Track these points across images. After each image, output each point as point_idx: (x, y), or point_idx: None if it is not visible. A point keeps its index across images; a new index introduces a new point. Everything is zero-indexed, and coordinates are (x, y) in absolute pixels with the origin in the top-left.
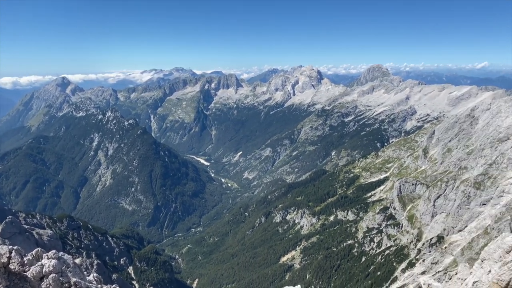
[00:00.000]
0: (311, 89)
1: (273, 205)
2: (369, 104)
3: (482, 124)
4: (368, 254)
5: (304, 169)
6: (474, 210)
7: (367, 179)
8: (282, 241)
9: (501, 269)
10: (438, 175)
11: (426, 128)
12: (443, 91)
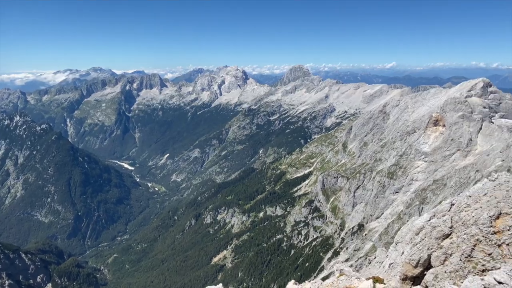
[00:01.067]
0: (238, 89)
1: (203, 207)
2: (293, 103)
3: (392, 119)
4: (296, 246)
5: (234, 168)
6: (389, 198)
7: (293, 175)
8: (213, 242)
9: (412, 250)
10: (356, 167)
11: (345, 124)
12: (358, 89)
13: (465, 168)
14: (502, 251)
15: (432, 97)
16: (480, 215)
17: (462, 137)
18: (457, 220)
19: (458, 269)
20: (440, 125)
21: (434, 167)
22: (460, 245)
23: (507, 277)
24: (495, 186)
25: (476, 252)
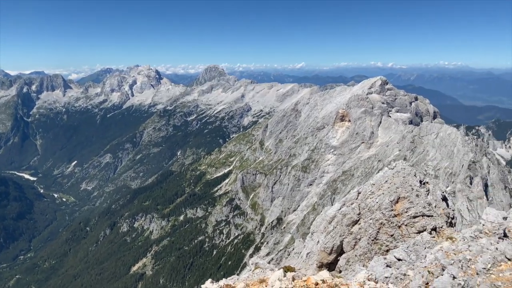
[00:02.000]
0: (151, 89)
1: (118, 215)
2: (209, 102)
3: (304, 116)
4: (218, 246)
5: (150, 172)
6: (304, 190)
7: (213, 175)
8: (132, 250)
9: (326, 238)
10: (273, 163)
11: (261, 123)
12: (272, 89)
13: (369, 158)
14: (401, 232)
15: (338, 94)
16: (382, 201)
17: (365, 131)
18: (363, 207)
19: (366, 251)
20: (346, 120)
21: (342, 159)
22: (367, 230)
23: (404, 254)
24: (394, 174)
25: (381, 234)
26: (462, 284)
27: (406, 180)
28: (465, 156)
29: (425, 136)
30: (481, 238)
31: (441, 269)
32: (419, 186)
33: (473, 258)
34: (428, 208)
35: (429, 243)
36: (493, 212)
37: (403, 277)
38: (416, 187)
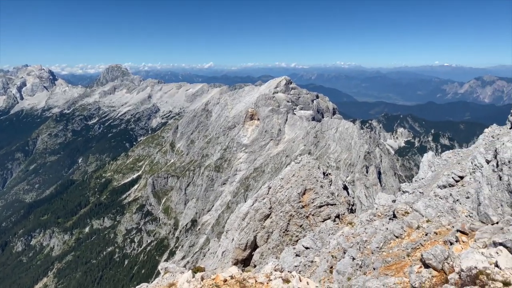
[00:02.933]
0: (44, 92)
1: (10, 233)
2: (113, 104)
3: (215, 116)
4: (130, 256)
5: (47, 183)
6: (218, 190)
7: (120, 181)
8: (29, 271)
9: (240, 235)
10: (186, 165)
11: (171, 124)
12: (181, 89)
13: (278, 154)
14: (309, 221)
15: (247, 94)
16: (291, 194)
17: (273, 128)
18: (274, 201)
19: (279, 243)
20: (255, 119)
21: (253, 157)
22: (279, 223)
23: (311, 242)
24: (300, 168)
25: (291, 225)
26: (360, 263)
27: (311, 173)
28: (361, 148)
29: (326, 131)
30: (375, 220)
31: (343, 252)
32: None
33: (369, 239)
34: (332, 198)
35: (332, 230)
36: (384, 196)
37: (310, 264)
38: (320, 178)
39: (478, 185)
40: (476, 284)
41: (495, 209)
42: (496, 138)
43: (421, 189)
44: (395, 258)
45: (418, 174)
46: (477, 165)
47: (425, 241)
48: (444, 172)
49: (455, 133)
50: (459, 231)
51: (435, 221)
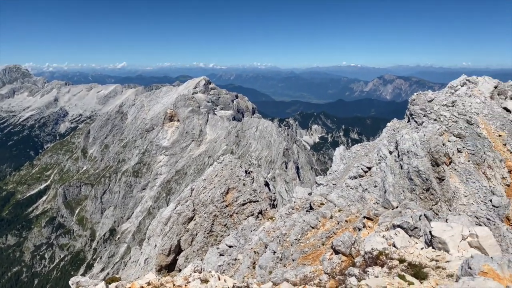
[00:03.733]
0: None
1: None
2: (13, 109)
3: (131, 119)
4: (40, 274)
5: None
6: (137, 196)
7: (25, 193)
8: None
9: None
10: (100, 172)
11: (81, 128)
12: (92, 91)
13: (200, 155)
14: (233, 220)
15: (165, 95)
16: (214, 194)
17: (194, 129)
18: (197, 202)
19: (203, 245)
20: (175, 120)
21: (175, 159)
22: (203, 224)
23: (234, 240)
24: (223, 167)
25: (215, 226)
26: (280, 256)
27: (233, 172)
28: (280, 145)
29: (247, 130)
30: (293, 214)
31: (265, 247)
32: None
33: (288, 232)
34: (254, 195)
35: (255, 226)
36: (301, 190)
37: (234, 262)
38: (243, 177)
39: (383, 174)
40: (377, 264)
41: (398, 195)
42: (396, 131)
43: (335, 181)
44: (311, 248)
45: (332, 167)
46: (382, 156)
47: (338, 229)
48: (354, 164)
49: (363, 127)
50: (366, 218)
51: (346, 210)
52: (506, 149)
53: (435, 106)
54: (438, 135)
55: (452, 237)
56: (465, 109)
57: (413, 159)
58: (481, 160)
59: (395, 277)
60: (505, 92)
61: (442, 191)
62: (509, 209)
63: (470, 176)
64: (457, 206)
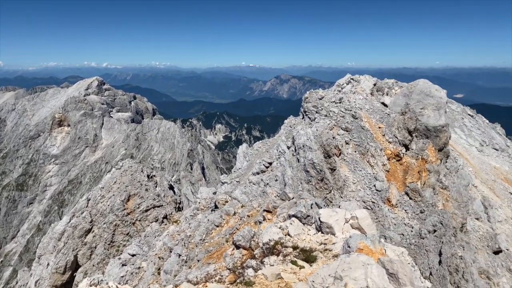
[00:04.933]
0: None
1: None
2: None
3: (11, 125)
4: None
5: None
6: (23, 212)
7: None
8: None
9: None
10: None
11: None
12: None
13: (96, 162)
14: (137, 228)
15: (52, 97)
16: (114, 202)
17: (88, 134)
18: (95, 213)
19: (104, 257)
20: (65, 125)
21: (67, 168)
22: (102, 235)
23: (137, 248)
24: (122, 173)
25: (117, 236)
26: (185, 259)
27: (134, 177)
28: (184, 146)
29: (148, 133)
30: (198, 214)
31: (169, 251)
32: (147, 181)
33: (192, 234)
34: (158, 199)
35: (158, 231)
36: (205, 190)
37: (138, 270)
38: (145, 182)
39: (283, 169)
40: (274, 253)
41: (296, 187)
42: (293, 127)
43: (239, 178)
44: (216, 246)
45: (236, 165)
46: (281, 152)
47: (240, 225)
48: (256, 160)
49: (263, 125)
50: (265, 211)
51: (248, 205)
52: (385, 139)
53: (325, 103)
54: (329, 129)
55: (337, 221)
56: (350, 105)
57: (308, 153)
58: (365, 150)
59: (289, 263)
60: (382, 89)
61: (334, 180)
62: (389, 192)
63: (357, 165)
64: (348, 193)
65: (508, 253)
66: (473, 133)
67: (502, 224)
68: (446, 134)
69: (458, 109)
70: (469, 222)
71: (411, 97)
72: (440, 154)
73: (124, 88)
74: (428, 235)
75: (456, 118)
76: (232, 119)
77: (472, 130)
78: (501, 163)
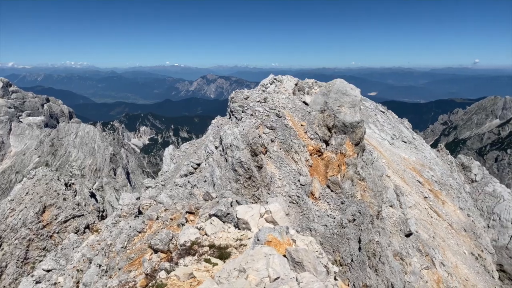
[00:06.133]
0: None
1: None
2: None
3: None
4: None
5: None
6: None
7: None
8: None
9: None
10: None
11: None
12: None
13: (4, 172)
14: (55, 241)
15: None
16: (27, 215)
17: None
18: (4, 228)
19: (17, 276)
20: None
21: None
22: (14, 252)
23: (53, 263)
24: (35, 183)
25: (31, 251)
26: (105, 268)
27: (50, 187)
28: (106, 151)
29: (64, 138)
30: (120, 222)
31: (89, 262)
32: (65, 189)
33: (113, 242)
34: (78, 209)
35: (77, 243)
36: (128, 196)
37: (54, 287)
38: (62, 191)
39: (211, 169)
40: (190, 254)
41: (225, 186)
42: (220, 127)
43: (165, 182)
44: (138, 253)
45: (163, 168)
46: (209, 152)
47: (163, 229)
48: (184, 162)
49: (191, 126)
50: (188, 212)
51: (172, 208)
52: (307, 136)
53: (250, 102)
54: (255, 128)
55: (252, 216)
56: (274, 104)
57: (236, 152)
58: (289, 147)
59: (202, 262)
60: (303, 89)
61: (262, 177)
62: (312, 186)
63: (282, 161)
64: (275, 189)
65: (417, 235)
66: (385, 128)
67: (412, 209)
68: (362, 130)
69: (372, 106)
70: (384, 210)
71: (329, 96)
72: (356, 148)
73: (35, 90)
74: (349, 224)
75: (370, 115)
76: (157, 120)
77: (384, 125)
78: (409, 154)
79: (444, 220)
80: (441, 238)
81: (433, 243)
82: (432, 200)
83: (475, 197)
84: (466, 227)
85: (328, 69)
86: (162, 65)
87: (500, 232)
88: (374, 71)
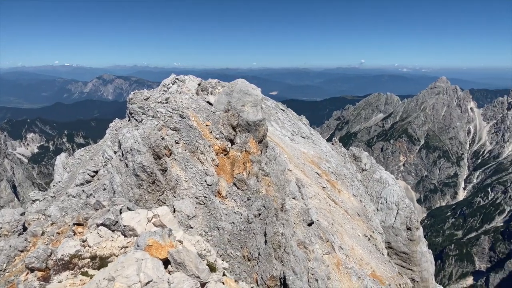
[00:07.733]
0: None
1: None
2: None
3: None
4: None
5: None
6: None
7: None
8: None
9: None
10: None
11: None
12: None
13: None
14: None
15: None
16: None
17: None
18: None
19: None
20: None
21: None
22: None
23: None
24: None
25: None
26: None
27: None
28: None
29: None
30: (0, 241)
31: None
32: None
33: None
34: None
35: None
36: (9, 212)
37: None
38: None
39: (111, 176)
40: (69, 268)
41: (127, 193)
42: (119, 131)
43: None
44: (18, 274)
45: (55, 178)
46: (108, 158)
47: (49, 244)
48: (79, 170)
49: (88, 131)
50: (76, 224)
51: (60, 221)
52: (212, 136)
53: (151, 103)
54: (157, 130)
55: (139, 222)
56: (177, 104)
57: (137, 156)
58: (195, 148)
59: (79, 275)
60: (207, 89)
61: (166, 180)
62: (219, 185)
63: (188, 163)
64: (181, 192)
65: (318, 223)
66: (286, 125)
67: (312, 199)
68: (264, 127)
69: (273, 104)
70: (287, 202)
71: (232, 96)
72: (260, 146)
73: None
74: (254, 219)
75: (271, 113)
76: (48, 126)
77: (285, 122)
78: (308, 148)
79: (341, 207)
80: (339, 224)
81: (332, 229)
82: (329, 189)
83: (365, 184)
84: (359, 212)
85: (231, 69)
86: (50, 65)
87: (387, 213)
88: (274, 71)
